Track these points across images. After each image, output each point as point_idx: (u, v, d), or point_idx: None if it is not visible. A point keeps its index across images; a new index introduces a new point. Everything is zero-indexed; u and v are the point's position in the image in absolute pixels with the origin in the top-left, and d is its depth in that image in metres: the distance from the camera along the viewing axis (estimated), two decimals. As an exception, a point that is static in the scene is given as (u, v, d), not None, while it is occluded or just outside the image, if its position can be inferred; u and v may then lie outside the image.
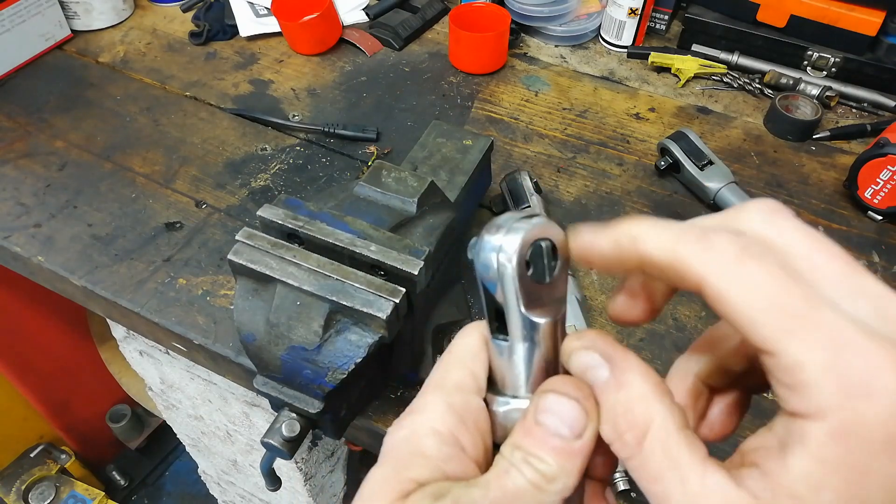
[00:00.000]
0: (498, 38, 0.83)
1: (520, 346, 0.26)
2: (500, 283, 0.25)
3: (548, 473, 0.24)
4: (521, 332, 0.25)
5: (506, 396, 0.27)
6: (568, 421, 0.24)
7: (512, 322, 0.25)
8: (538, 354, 0.26)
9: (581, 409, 0.24)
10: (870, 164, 0.67)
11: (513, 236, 0.24)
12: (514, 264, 0.24)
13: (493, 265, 0.24)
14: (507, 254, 0.24)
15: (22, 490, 1.32)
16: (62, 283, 0.65)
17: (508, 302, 0.25)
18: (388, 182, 0.52)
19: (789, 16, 0.82)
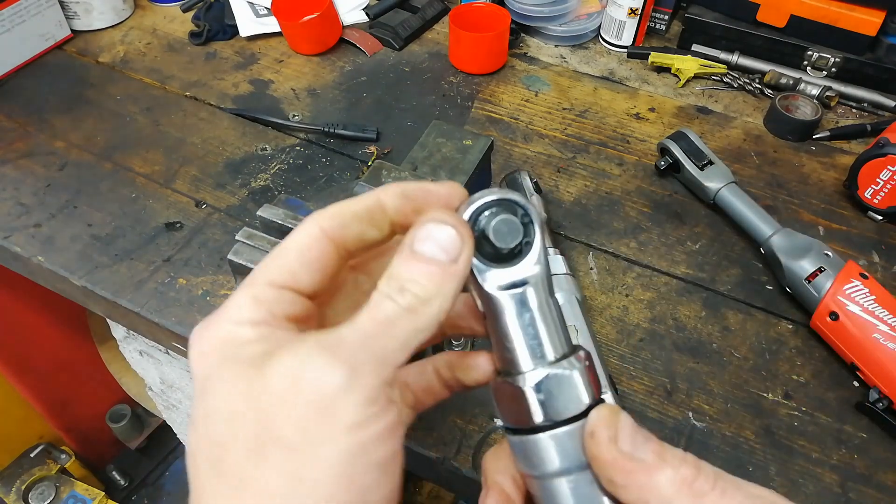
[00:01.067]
0: (498, 38, 0.83)
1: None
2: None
3: (423, 296, 0.26)
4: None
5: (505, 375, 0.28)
6: (445, 245, 0.26)
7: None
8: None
9: (457, 234, 0.26)
10: (870, 164, 0.67)
11: None
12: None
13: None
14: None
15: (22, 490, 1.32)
16: (62, 283, 0.65)
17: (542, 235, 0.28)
18: (388, 182, 0.52)
19: (789, 16, 0.82)
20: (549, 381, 0.26)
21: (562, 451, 0.26)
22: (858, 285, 0.56)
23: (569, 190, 0.72)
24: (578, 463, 0.26)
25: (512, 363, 0.27)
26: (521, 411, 0.27)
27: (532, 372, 0.27)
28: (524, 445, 0.27)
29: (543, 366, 0.27)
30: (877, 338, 0.54)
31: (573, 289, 0.57)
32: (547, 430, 0.26)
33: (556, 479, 0.26)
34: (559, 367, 0.27)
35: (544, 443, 0.26)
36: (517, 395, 0.27)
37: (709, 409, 0.55)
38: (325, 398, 0.24)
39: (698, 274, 0.65)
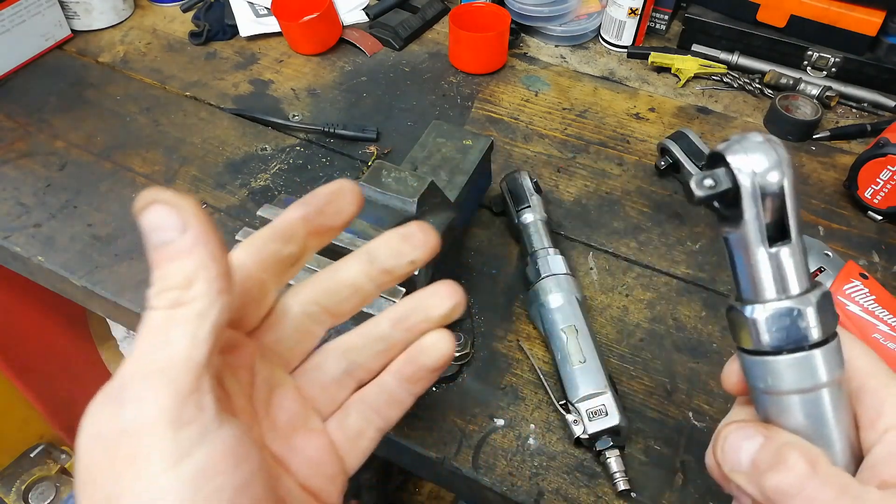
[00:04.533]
0: (498, 38, 0.83)
1: (799, 243, 0.28)
2: (788, 191, 0.27)
3: (178, 282, 0.24)
4: (798, 230, 0.28)
5: (776, 300, 0.28)
6: (164, 224, 0.24)
7: (794, 223, 0.28)
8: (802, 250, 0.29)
9: (166, 207, 0.24)
10: (870, 164, 0.67)
11: (783, 151, 0.28)
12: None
13: (784, 174, 0.28)
14: (786, 170, 0.28)
15: (22, 490, 1.32)
16: (62, 283, 0.65)
17: (792, 209, 0.28)
18: (388, 182, 0.52)
19: (789, 16, 0.82)
20: (790, 312, 0.28)
21: (799, 372, 0.28)
22: (858, 285, 0.56)
23: (569, 190, 0.72)
24: (811, 385, 0.28)
25: (758, 292, 0.29)
26: (793, 330, 0.28)
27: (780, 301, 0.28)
28: (765, 366, 0.29)
29: (786, 298, 0.28)
30: (877, 338, 0.54)
31: (573, 289, 0.57)
32: (784, 353, 0.28)
33: (789, 395, 0.28)
34: (801, 300, 0.28)
35: (784, 364, 0.28)
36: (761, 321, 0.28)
37: (709, 409, 0.55)
38: (124, 443, 0.22)
39: (698, 274, 0.65)
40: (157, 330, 0.24)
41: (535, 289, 0.57)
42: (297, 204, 0.29)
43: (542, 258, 0.59)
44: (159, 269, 0.24)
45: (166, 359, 0.23)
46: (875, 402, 0.29)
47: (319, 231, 0.30)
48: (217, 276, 0.24)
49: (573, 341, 0.53)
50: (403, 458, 0.54)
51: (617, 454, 0.49)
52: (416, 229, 0.31)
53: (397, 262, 0.31)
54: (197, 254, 0.24)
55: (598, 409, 0.50)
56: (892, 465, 0.27)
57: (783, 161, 0.27)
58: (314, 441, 0.31)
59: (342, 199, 0.30)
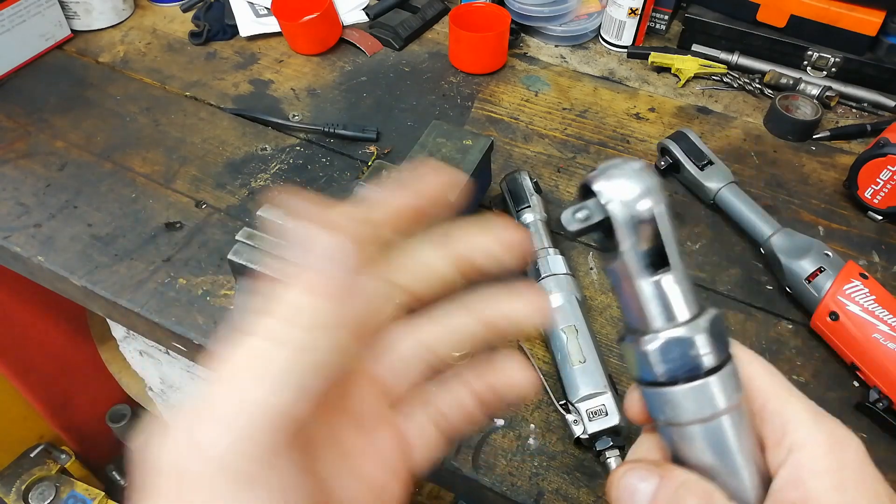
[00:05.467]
0: (498, 38, 0.83)
1: (680, 268, 0.27)
2: (662, 217, 0.27)
3: (285, 315, 0.21)
4: (678, 255, 0.27)
5: (664, 329, 0.27)
6: (318, 250, 0.21)
7: (672, 249, 0.27)
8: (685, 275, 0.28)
9: (331, 236, 0.22)
10: (870, 164, 0.67)
11: (652, 178, 0.27)
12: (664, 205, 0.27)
13: (656, 201, 0.27)
14: (657, 197, 0.27)
15: (22, 490, 1.32)
16: (62, 283, 0.65)
17: (667, 236, 0.27)
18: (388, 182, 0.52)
19: (789, 16, 0.82)
20: (674, 342, 0.27)
21: (696, 401, 0.27)
22: (858, 285, 0.56)
23: (569, 190, 0.72)
24: (710, 413, 0.27)
25: (646, 323, 0.28)
26: (678, 362, 0.27)
27: (666, 331, 0.27)
28: (661, 397, 0.28)
29: (674, 327, 0.27)
30: (877, 338, 0.54)
31: (573, 289, 0.57)
32: (679, 383, 0.27)
33: (691, 426, 0.28)
34: (686, 329, 0.27)
35: (679, 394, 0.27)
36: (648, 352, 0.28)
37: (709, 409, 0.55)
38: (184, 479, 0.21)
39: (698, 274, 0.65)
40: (248, 364, 0.21)
41: (535, 289, 0.57)
42: (412, 191, 0.27)
43: (543, 258, 0.59)
44: (275, 288, 0.22)
45: (245, 404, 0.21)
46: (778, 422, 0.28)
47: (419, 221, 0.28)
48: (336, 324, 0.22)
49: (573, 341, 0.53)
50: None
51: (617, 454, 0.49)
52: (519, 239, 0.29)
53: (493, 266, 0.30)
54: (322, 290, 0.21)
55: (598, 409, 0.50)
56: (795, 487, 0.26)
57: (653, 187, 0.27)
58: (389, 435, 0.30)
59: (452, 191, 0.28)
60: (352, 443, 0.29)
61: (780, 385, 0.29)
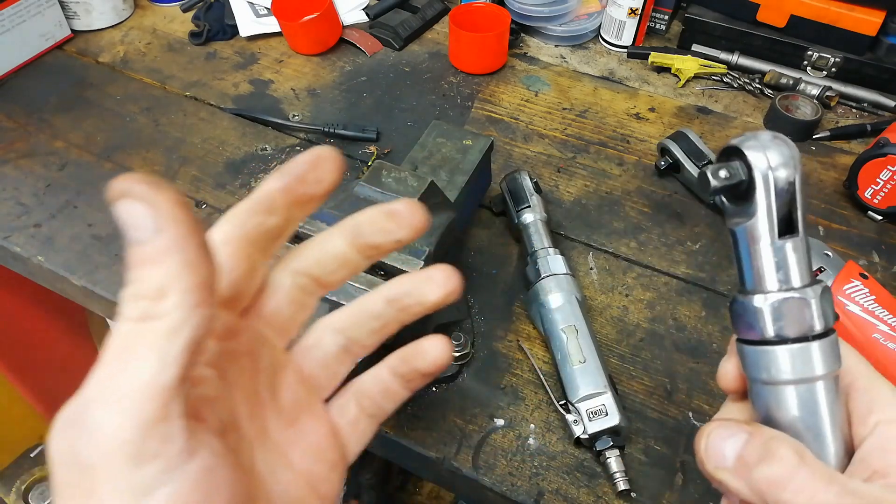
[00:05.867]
0: (498, 38, 0.83)
1: (805, 237, 0.29)
2: (797, 187, 0.28)
3: (150, 291, 0.21)
4: (805, 225, 0.29)
5: (782, 290, 0.29)
6: (136, 221, 0.21)
7: (801, 218, 0.29)
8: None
9: (139, 203, 0.21)
10: (870, 164, 0.67)
11: (795, 149, 0.29)
12: None
13: (796, 170, 0.29)
14: (799, 166, 0.29)
15: (22, 490, 1.32)
16: (62, 283, 0.65)
17: (800, 204, 0.28)
18: (388, 182, 0.52)
19: (789, 16, 0.82)
20: (792, 302, 0.29)
21: (800, 362, 0.29)
22: (858, 285, 0.56)
23: (569, 190, 0.72)
24: (810, 375, 0.29)
25: (764, 284, 0.29)
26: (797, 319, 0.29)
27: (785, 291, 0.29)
28: (766, 356, 0.29)
29: (792, 290, 0.29)
30: (877, 338, 0.54)
31: (573, 289, 0.57)
32: (787, 343, 0.29)
33: (788, 386, 0.29)
34: (803, 292, 0.28)
35: (786, 354, 0.29)
36: (759, 311, 0.29)
37: (709, 409, 0.55)
38: (83, 476, 0.21)
39: (698, 274, 0.65)
40: (123, 346, 0.22)
41: (535, 289, 0.57)
42: (276, 173, 0.28)
43: (542, 258, 0.59)
44: (133, 270, 0.22)
45: (130, 382, 0.21)
46: (865, 399, 0.30)
47: (301, 200, 0.29)
48: (193, 288, 0.21)
49: (573, 341, 0.53)
50: (403, 458, 0.54)
51: (617, 454, 0.49)
52: (403, 207, 0.30)
53: (384, 238, 0.30)
54: (170, 261, 0.21)
55: (598, 409, 0.50)
56: (881, 456, 0.28)
57: (795, 158, 0.28)
58: (318, 425, 0.31)
59: (322, 166, 0.29)
60: (282, 436, 0.30)
61: (867, 368, 0.31)
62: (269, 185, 0.28)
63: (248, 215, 0.28)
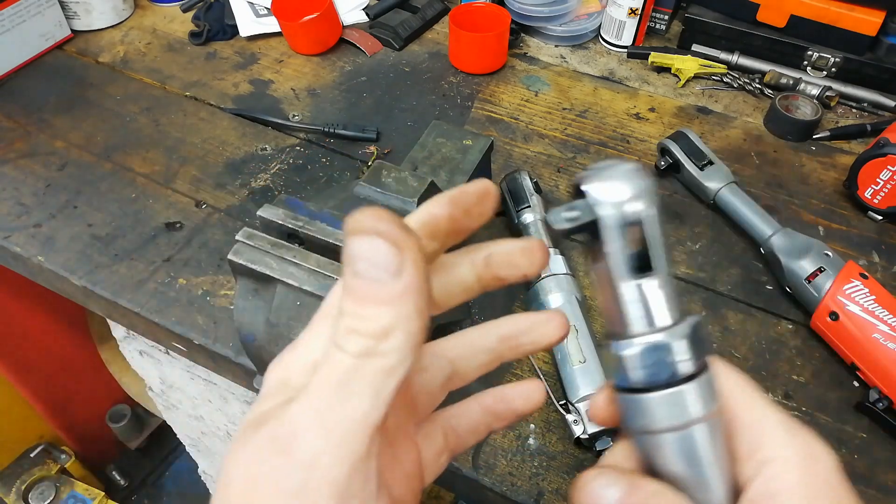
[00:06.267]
0: (498, 38, 0.83)
1: (665, 273, 0.27)
2: (652, 220, 0.27)
3: (375, 330, 0.21)
4: (664, 260, 0.27)
5: (644, 334, 0.27)
6: (378, 260, 0.21)
7: (659, 254, 0.27)
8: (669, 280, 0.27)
9: (386, 241, 0.21)
10: (870, 164, 0.67)
11: (644, 181, 0.27)
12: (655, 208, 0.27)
13: (647, 203, 0.27)
14: (647, 200, 0.27)
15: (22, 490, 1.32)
16: (62, 283, 0.65)
17: (654, 240, 0.27)
18: (388, 182, 0.52)
19: (789, 16, 0.82)
20: (654, 348, 0.27)
21: (671, 409, 0.27)
22: (858, 285, 0.56)
23: (569, 190, 0.72)
24: (685, 421, 0.27)
25: (626, 327, 0.28)
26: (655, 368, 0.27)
27: (644, 336, 0.27)
28: (636, 404, 0.27)
29: (654, 332, 0.27)
30: (877, 338, 0.54)
31: (573, 289, 0.57)
32: (654, 390, 0.27)
33: (663, 434, 0.27)
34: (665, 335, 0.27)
35: (654, 401, 0.27)
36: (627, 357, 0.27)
37: (709, 409, 0.55)
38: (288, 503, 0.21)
39: (698, 274, 0.65)
40: (343, 379, 0.21)
41: (535, 289, 0.57)
42: (444, 201, 0.27)
43: (542, 258, 0.59)
44: (358, 305, 0.22)
45: (348, 418, 0.21)
46: (752, 435, 0.27)
47: (459, 231, 0.28)
48: (417, 332, 0.22)
49: (573, 341, 0.53)
50: None
51: (617, 454, 0.49)
52: (538, 246, 0.30)
53: (511, 272, 0.30)
54: (404, 307, 0.21)
55: (598, 409, 0.50)
56: (768, 501, 0.26)
57: (643, 190, 0.26)
58: (411, 450, 0.30)
59: (487, 201, 0.28)
60: (384, 458, 0.28)
61: (754, 397, 0.28)
62: (437, 210, 0.27)
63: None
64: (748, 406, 0.28)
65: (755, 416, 0.28)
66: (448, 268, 0.30)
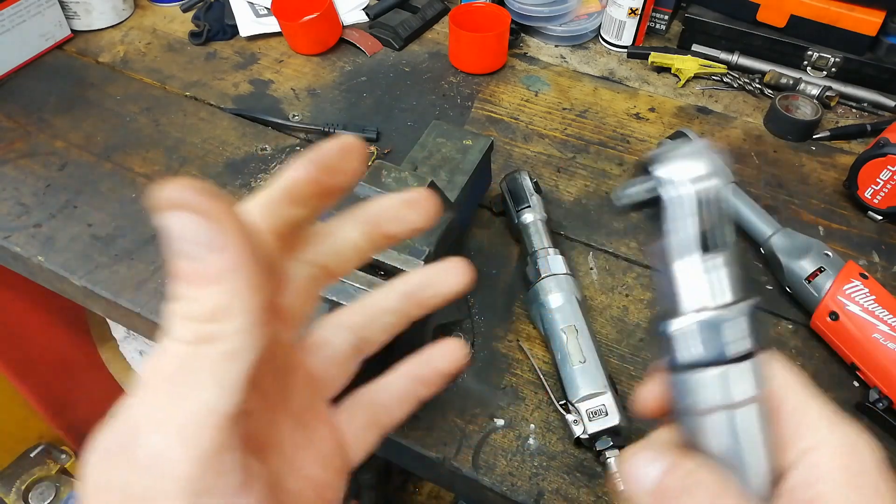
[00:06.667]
0: (498, 38, 0.83)
1: (730, 252, 0.27)
2: (721, 199, 0.27)
3: (207, 313, 0.19)
4: (732, 240, 0.27)
5: (700, 311, 0.27)
6: (193, 238, 0.19)
7: (728, 232, 0.27)
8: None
9: (198, 216, 0.19)
10: (870, 164, 0.67)
11: (719, 158, 0.27)
12: None
13: (716, 181, 0.26)
14: (717, 179, 0.26)
15: (22, 490, 1.32)
16: (62, 283, 0.65)
17: (724, 218, 0.27)
18: (388, 182, 0.52)
19: (789, 16, 0.82)
20: (715, 321, 0.27)
21: (721, 388, 0.27)
22: (858, 285, 0.56)
23: (569, 190, 0.72)
24: (733, 402, 0.27)
25: (686, 304, 0.27)
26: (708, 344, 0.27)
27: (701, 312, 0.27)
28: (687, 381, 0.27)
29: (713, 310, 0.27)
30: (877, 338, 0.54)
31: (573, 289, 0.57)
32: (707, 367, 0.27)
33: (710, 414, 0.27)
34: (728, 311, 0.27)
35: (707, 378, 0.27)
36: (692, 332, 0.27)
37: (709, 409, 0.55)
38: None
39: (698, 274, 0.64)
40: (177, 370, 0.20)
41: (535, 289, 0.57)
42: (304, 162, 0.26)
43: (542, 258, 0.59)
44: (185, 287, 0.20)
45: (188, 410, 0.20)
46: (793, 423, 0.28)
47: (327, 192, 0.27)
48: (257, 309, 0.20)
49: (573, 341, 0.53)
50: (403, 458, 0.54)
51: (617, 454, 0.49)
52: (421, 196, 0.29)
53: (400, 227, 0.29)
54: (232, 282, 0.19)
55: (598, 409, 0.50)
56: (809, 490, 0.26)
57: (713, 169, 0.26)
58: (325, 430, 0.30)
59: (350, 156, 0.27)
60: (292, 441, 0.28)
61: (799, 385, 0.29)
62: (296, 173, 0.26)
63: (276, 205, 0.25)
64: (794, 394, 0.28)
65: (800, 404, 0.28)
66: (334, 233, 0.29)
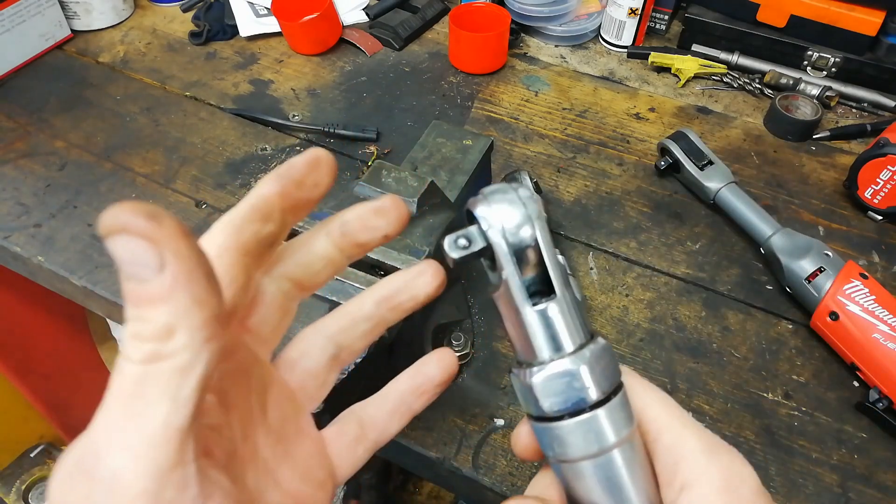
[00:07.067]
0: (498, 38, 0.83)
1: (565, 297, 0.26)
2: (542, 246, 0.26)
3: (155, 332, 0.20)
4: (563, 283, 0.26)
5: (549, 361, 0.26)
6: (135, 260, 0.19)
7: (556, 276, 0.26)
8: (573, 302, 0.26)
9: (136, 238, 0.19)
10: (870, 164, 0.67)
11: (530, 205, 0.26)
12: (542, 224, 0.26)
13: (534, 228, 0.26)
14: (537, 223, 0.26)
15: (22, 490, 1.32)
16: (62, 283, 0.65)
17: (549, 263, 0.26)
18: (388, 182, 0.52)
19: (789, 16, 0.82)
20: (561, 373, 0.26)
21: (584, 436, 0.26)
22: (858, 285, 0.56)
23: (569, 190, 0.72)
24: (600, 448, 0.26)
25: (531, 354, 0.27)
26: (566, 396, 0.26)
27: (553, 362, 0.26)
28: (549, 432, 0.27)
29: (559, 359, 0.26)
30: (877, 338, 0.54)
31: (574, 289, 0.57)
32: (565, 418, 0.26)
33: (580, 462, 0.26)
34: (572, 360, 0.26)
35: (565, 429, 0.26)
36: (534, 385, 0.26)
37: (709, 409, 0.55)
38: None
39: (698, 274, 0.65)
40: (131, 389, 0.20)
41: (534, 289, 0.57)
42: (271, 177, 0.27)
43: (542, 258, 0.59)
44: (134, 309, 0.20)
45: (143, 428, 0.20)
46: (671, 458, 0.27)
47: (297, 205, 0.27)
48: (203, 324, 0.20)
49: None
50: (403, 458, 0.54)
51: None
52: (389, 202, 0.29)
53: (371, 235, 0.29)
54: (177, 299, 0.20)
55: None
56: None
57: (533, 213, 0.26)
58: (306, 442, 0.30)
59: (319, 170, 0.27)
60: (270, 454, 0.28)
61: (673, 416, 0.28)
62: (265, 189, 0.27)
63: (244, 223, 0.26)
64: (667, 425, 0.27)
65: (674, 436, 0.27)
66: (305, 245, 0.30)
